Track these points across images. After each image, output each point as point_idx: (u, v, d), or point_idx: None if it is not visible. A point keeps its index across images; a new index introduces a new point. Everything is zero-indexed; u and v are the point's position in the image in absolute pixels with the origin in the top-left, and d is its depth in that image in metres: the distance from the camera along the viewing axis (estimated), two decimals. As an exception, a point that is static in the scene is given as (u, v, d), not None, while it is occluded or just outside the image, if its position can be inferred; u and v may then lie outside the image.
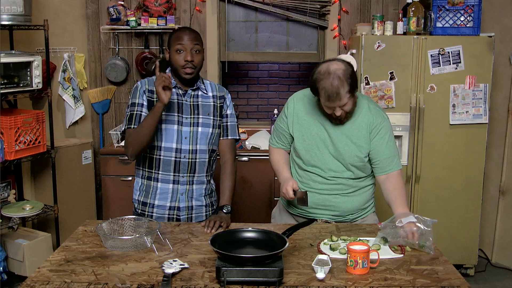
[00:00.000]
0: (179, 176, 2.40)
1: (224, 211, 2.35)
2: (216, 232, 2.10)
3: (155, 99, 2.35)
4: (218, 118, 2.46)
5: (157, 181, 2.41)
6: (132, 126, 2.33)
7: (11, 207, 3.51)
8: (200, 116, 2.40)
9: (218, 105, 2.46)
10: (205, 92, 2.44)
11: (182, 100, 2.39)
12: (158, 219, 2.40)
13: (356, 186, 2.34)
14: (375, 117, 2.28)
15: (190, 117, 2.38)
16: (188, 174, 2.40)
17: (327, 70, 2.12)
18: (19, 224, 3.48)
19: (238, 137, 2.53)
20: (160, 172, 2.40)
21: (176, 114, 2.37)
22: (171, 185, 2.40)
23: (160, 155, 2.38)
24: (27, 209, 3.46)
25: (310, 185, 2.35)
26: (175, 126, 2.36)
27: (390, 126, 2.32)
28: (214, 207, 2.56)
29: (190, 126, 2.38)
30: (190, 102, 2.40)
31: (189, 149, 2.38)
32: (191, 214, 2.45)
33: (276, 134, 2.46)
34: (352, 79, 2.12)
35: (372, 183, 2.41)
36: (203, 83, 2.46)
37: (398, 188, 2.27)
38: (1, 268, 3.37)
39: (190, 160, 2.39)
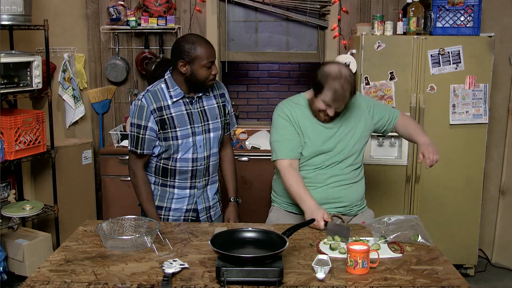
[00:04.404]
0: (195, 181, 2.42)
1: (238, 202, 2.59)
2: (216, 232, 2.10)
3: (166, 116, 2.29)
4: (224, 118, 2.49)
5: (173, 188, 2.42)
6: (139, 150, 2.32)
7: (11, 207, 3.51)
8: (210, 122, 2.41)
9: (221, 104, 2.48)
10: (208, 93, 2.43)
11: (191, 109, 2.36)
12: (175, 221, 2.41)
13: (357, 175, 2.44)
14: (364, 101, 2.46)
15: (201, 125, 2.38)
16: (203, 178, 2.44)
17: (339, 72, 2.20)
18: (19, 224, 3.48)
19: (236, 124, 2.64)
20: (176, 180, 2.41)
21: (189, 126, 2.35)
22: (188, 191, 2.43)
23: (175, 166, 2.37)
24: (27, 209, 3.46)
25: (321, 182, 2.37)
26: (191, 138, 2.35)
27: (373, 100, 2.55)
28: (221, 201, 2.62)
29: (203, 134, 2.38)
30: (198, 109, 2.38)
31: (204, 156, 2.40)
32: (209, 213, 2.49)
33: (285, 145, 2.33)
34: (354, 84, 2.25)
35: (363, 173, 2.52)
36: None
37: (408, 124, 2.52)
38: (1, 268, 3.37)
39: (205, 165, 2.41)
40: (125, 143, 3.84)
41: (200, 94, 2.38)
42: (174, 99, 2.31)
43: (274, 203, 2.56)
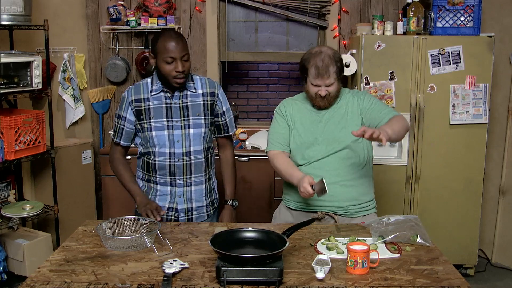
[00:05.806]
0: (175, 179, 2.40)
1: (234, 206, 2.54)
2: (216, 232, 2.10)
3: (143, 107, 2.36)
4: (210, 117, 2.44)
5: (156, 184, 2.44)
6: (116, 139, 2.44)
7: (11, 207, 3.51)
8: (191, 118, 2.38)
9: (209, 102, 2.43)
10: (194, 90, 2.40)
11: (171, 104, 2.36)
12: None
13: (353, 173, 2.37)
14: (357, 95, 2.44)
15: (180, 120, 2.37)
16: (184, 177, 2.41)
17: (318, 50, 2.34)
18: (19, 224, 3.48)
19: (236, 128, 2.63)
20: (157, 176, 2.42)
21: (165, 119, 2.36)
22: (169, 188, 2.42)
23: (155, 160, 2.39)
24: (27, 209, 3.46)
25: (313, 176, 2.33)
26: (166, 132, 2.36)
27: (372, 96, 2.49)
28: (215, 205, 2.57)
29: (182, 129, 2.37)
30: (179, 104, 2.37)
31: (183, 152, 2.37)
32: (191, 215, 2.45)
33: (276, 138, 2.44)
34: (341, 63, 2.33)
35: (369, 174, 2.45)
36: (192, 80, 2.42)
37: (393, 119, 2.28)
38: (1, 268, 3.37)
39: (184, 162, 2.39)
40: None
41: (181, 88, 2.37)
42: (154, 93, 2.38)
43: (283, 198, 2.57)
